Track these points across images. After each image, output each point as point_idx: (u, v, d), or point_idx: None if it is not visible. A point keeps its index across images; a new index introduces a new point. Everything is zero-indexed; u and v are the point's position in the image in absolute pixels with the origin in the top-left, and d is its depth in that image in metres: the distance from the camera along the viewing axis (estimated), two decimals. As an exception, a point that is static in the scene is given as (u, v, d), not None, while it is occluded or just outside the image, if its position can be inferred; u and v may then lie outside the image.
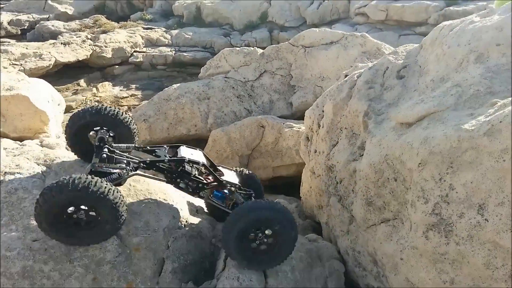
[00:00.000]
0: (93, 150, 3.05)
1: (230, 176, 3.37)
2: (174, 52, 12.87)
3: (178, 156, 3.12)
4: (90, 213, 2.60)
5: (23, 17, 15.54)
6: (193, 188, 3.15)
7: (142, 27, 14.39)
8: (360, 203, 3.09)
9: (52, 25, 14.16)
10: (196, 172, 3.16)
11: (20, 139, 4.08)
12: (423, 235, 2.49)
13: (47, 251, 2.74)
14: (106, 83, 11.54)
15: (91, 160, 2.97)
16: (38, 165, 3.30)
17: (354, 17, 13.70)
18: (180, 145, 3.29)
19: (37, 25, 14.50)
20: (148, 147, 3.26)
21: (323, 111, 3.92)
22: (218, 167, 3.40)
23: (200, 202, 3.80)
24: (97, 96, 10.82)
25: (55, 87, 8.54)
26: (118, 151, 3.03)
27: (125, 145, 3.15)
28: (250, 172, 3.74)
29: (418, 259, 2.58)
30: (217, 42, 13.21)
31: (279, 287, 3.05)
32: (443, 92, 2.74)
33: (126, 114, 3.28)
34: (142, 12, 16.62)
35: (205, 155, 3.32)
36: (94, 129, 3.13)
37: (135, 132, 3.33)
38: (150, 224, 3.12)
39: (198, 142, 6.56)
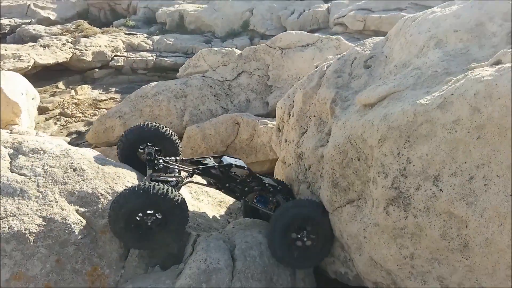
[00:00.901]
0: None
1: (269, 180, 3.65)
2: (155, 57, 12.89)
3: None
4: (158, 216, 2.82)
5: (5, 21, 15.38)
6: (241, 192, 3.46)
7: (124, 33, 14.38)
8: (326, 185, 3.14)
9: (33, 29, 14.05)
10: (239, 179, 3.45)
11: (-10, 129, 4.05)
12: (383, 211, 2.54)
13: (11, 230, 2.70)
14: (85, 86, 11.46)
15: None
16: (6, 147, 3.27)
17: (333, 27, 13.95)
18: (223, 155, 3.63)
19: (18, 29, 14.37)
20: (195, 158, 3.61)
21: (293, 101, 3.99)
22: (260, 175, 3.66)
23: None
24: (75, 99, 10.72)
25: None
26: (172, 164, 3.39)
27: (173, 158, 3.52)
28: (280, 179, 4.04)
29: (380, 236, 2.63)
30: (198, 48, 13.22)
31: (247, 271, 3.06)
32: (403, 75, 2.83)
33: (166, 127, 3.68)
34: (125, 19, 16.63)
35: (249, 168, 3.58)
36: (140, 147, 3.57)
37: (177, 144, 3.73)
38: (117, 206, 3.11)
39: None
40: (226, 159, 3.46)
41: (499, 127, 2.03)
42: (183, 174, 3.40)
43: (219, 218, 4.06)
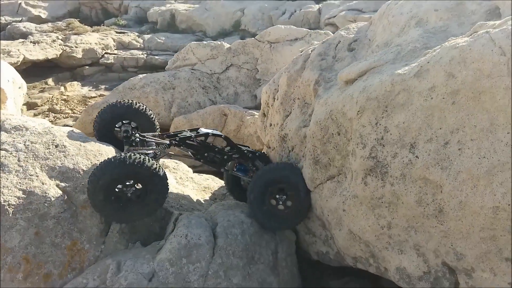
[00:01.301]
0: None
1: (247, 148, 3.70)
2: (145, 55, 12.88)
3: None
4: (137, 187, 2.85)
5: (-5, 19, 15.33)
6: (220, 161, 3.49)
7: (115, 31, 14.37)
8: (308, 163, 3.16)
9: (24, 27, 13.98)
10: (217, 148, 3.51)
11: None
12: (362, 182, 2.56)
13: (-12, 201, 2.69)
14: (75, 82, 11.40)
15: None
16: (-13, 126, 3.25)
17: (324, 27, 14.02)
18: (199, 127, 3.65)
19: (8, 26, 14.30)
20: (172, 133, 3.63)
21: (278, 85, 4.01)
22: (240, 144, 3.73)
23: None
24: (64, 95, 10.66)
25: (20, 80, 8.35)
26: (148, 138, 3.44)
27: (151, 133, 3.57)
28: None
29: (359, 208, 2.64)
30: (189, 46, 13.30)
31: (228, 248, 3.06)
32: (384, 51, 2.87)
33: (140, 103, 3.69)
34: (116, 18, 16.62)
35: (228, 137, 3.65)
36: (116, 125, 3.59)
37: (153, 119, 3.73)
38: (99, 183, 3.10)
39: (161, 130, 6.56)
40: (203, 130, 3.48)
41: (473, 91, 2.06)
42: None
43: (203, 202, 4.06)
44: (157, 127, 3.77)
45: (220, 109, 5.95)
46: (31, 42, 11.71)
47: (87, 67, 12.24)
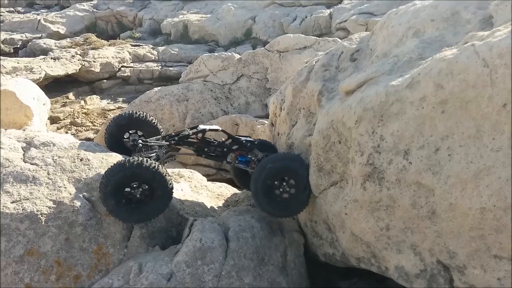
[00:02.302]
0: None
1: (248, 138, 3.77)
2: (160, 67, 13.24)
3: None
4: (144, 187, 3.05)
5: (16, 36, 15.92)
6: (221, 154, 3.62)
7: (131, 44, 14.80)
8: (312, 170, 3.34)
9: (44, 43, 14.54)
10: (217, 142, 3.64)
11: (6, 133, 4.34)
12: (361, 187, 2.74)
13: (24, 211, 2.96)
14: (94, 96, 11.83)
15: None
16: (19, 142, 3.54)
17: (335, 32, 14.18)
18: (199, 125, 3.76)
19: (29, 43, 14.88)
20: (173, 133, 3.76)
21: (285, 96, 4.21)
22: (237, 135, 3.81)
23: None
24: (84, 109, 11.08)
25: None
26: (151, 142, 3.60)
27: (154, 137, 3.72)
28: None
29: (359, 211, 2.82)
30: (202, 57, 13.62)
31: (240, 251, 3.26)
32: (382, 63, 3.04)
33: (140, 112, 3.89)
34: (131, 31, 17.09)
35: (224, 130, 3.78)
36: (125, 136, 3.80)
37: (155, 123, 3.89)
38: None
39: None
40: (200, 126, 3.62)
41: (460, 100, 2.23)
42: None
43: (216, 208, 4.28)
44: (161, 130, 3.93)
45: (232, 119, 6.18)
46: (51, 58, 12.20)
47: (105, 80, 12.68)
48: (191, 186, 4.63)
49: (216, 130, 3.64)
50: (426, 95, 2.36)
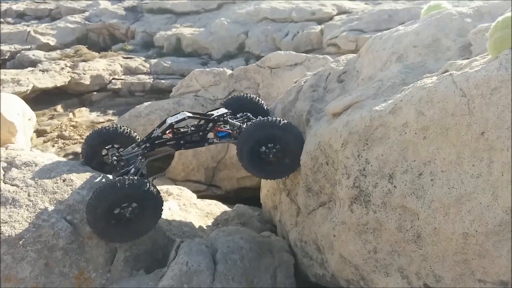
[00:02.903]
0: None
1: (219, 111, 3.63)
2: (152, 79, 13.24)
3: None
4: (133, 206, 3.00)
5: (5, 47, 15.80)
6: (200, 139, 3.48)
7: (122, 57, 14.79)
8: (301, 190, 3.36)
9: (33, 55, 14.43)
10: (192, 128, 3.50)
11: (-12, 149, 4.28)
12: (348, 209, 2.76)
13: (2, 235, 2.90)
14: (83, 108, 11.76)
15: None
16: (-1, 162, 3.50)
17: (326, 48, 14.31)
18: (166, 119, 3.60)
19: (18, 54, 14.78)
20: (144, 138, 3.61)
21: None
22: (208, 112, 3.69)
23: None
24: (73, 121, 11.01)
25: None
26: (127, 154, 3.50)
27: (129, 148, 3.60)
28: (245, 95, 4.14)
29: (347, 233, 2.83)
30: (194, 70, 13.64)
31: (228, 274, 3.24)
32: (367, 86, 3.09)
33: (112, 125, 3.84)
34: (123, 43, 17.08)
35: (190, 111, 3.66)
36: (103, 153, 3.75)
37: (129, 133, 3.76)
38: (104, 214, 3.31)
39: (166, 157, 6.80)
40: (167, 121, 3.49)
41: (441, 127, 2.27)
42: None
43: (205, 228, 4.25)
44: (137, 137, 3.79)
45: (222, 135, 6.17)
46: (40, 70, 12.13)
47: (95, 93, 12.61)
48: (180, 204, 4.61)
49: (183, 119, 3.45)
50: (408, 121, 2.40)
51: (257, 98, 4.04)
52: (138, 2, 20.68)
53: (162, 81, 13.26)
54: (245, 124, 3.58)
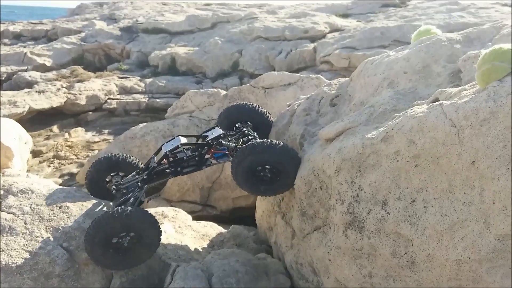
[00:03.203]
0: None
1: (214, 132, 3.63)
2: (147, 98, 13.31)
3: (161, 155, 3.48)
4: (131, 236, 3.04)
5: (2, 68, 15.87)
6: (197, 164, 3.48)
7: (118, 76, 14.88)
8: (296, 214, 3.38)
9: (29, 76, 14.52)
10: (189, 152, 3.49)
11: (-16, 172, 4.29)
12: (343, 234, 2.78)
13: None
14: (79, 128, 11.80)
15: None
16: (-4, 189, 3.51)
17: (319, 65, 14.51)
18: (162, 145, 3.62)
19: (15, 75, 14.84)
20: (143, 166, 3.69)
21: (269, 138, 4.28)
22: (203, 134, 3.70)
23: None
24: (68, 141, 11.02)
25: (27, 132, 8.73)
26: (126, 183, 3.56)
27: (130, 176, 3.67)
28: (246, 103, 4.07)
29: (342, 258, 2.85)
30: (189, 89, 13.64)
31: (224, 298, 3.24)
32: (359, 112, 3.14)
33: (133, 157, 3.90)
34: (119, 63, 17.21)
35: (184, 136, 3.69)
36: (107, 179, 3.78)
37: (133, 161, 3.86)
38: (100, 240, 3.32)
39: (162, 177, 6.80)
40: (163, 148, 3.50)
41: (432, 156, 2.31)
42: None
43: (201, 250, 4.25)
44: (139, 165, 3.85)
45: (218, 156, 6.20)
46: (36, 91, 12.18)
47: (90, 112, 12.66)
48: (175, 227, 4.61)
49: (177, 147, 3.46)
50: (400, 150, 2.44)
51: (259, 106, 4.02)
52: (133, 22, 20.91)
53: (157, 100, 13.35)
54: (241, 141, 3.62)
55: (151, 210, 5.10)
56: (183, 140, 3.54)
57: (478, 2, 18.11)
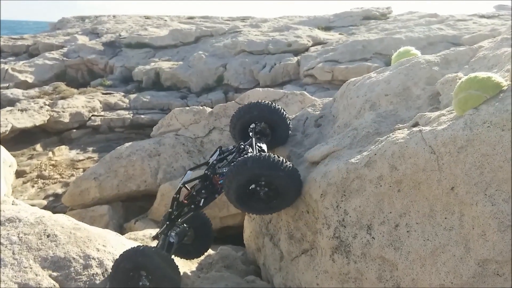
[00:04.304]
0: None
1: (212, 158, 3.64)
2: (132, 115, 13.26)
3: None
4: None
5: (-18, 86, 15.67)
6: (210, 192, 3.45)
7: (101, 93, 14.81)
8: (284, 237, 3.42)
9: (11, 93, 14.33)
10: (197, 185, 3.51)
11: (-33, 198, 4.23)
12: (330, 258, 2.83)
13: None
14: (63, 147, 11.68)
15: None
16: (-20, 218, 3.46)
17: (303, 78, 14.68)
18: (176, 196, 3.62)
19: (-5, 93, 14.64)
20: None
21: (255, 159, 4.32)
22: (208, 160, 3.66)
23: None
24: (52, 160, 10.89)
25: (11, 152, 8.61)
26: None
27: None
28: (267, 102, 3.87)
29: (330, 282, 2.89)
30: (174, 104, 13.74)
31: (213, 322, 3.25)
32: (342, 135, 3.22)
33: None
34: (102, 78, 17.12)
35: (195, 167, 3.84)
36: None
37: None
38: (89, 269, 3.30)
39: (149, 197, 6.79)
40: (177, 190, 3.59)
41: (413, 181, 2.39)
42: None
43: (189, 274, 4.24)
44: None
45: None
46: (18, 110, 12.04)
47: (74, 130, 12.55)
48: (164, 250, 4.59)
49: (180, 189, 3.58)
50: (383, 175, 2.51)
51: (279, 107, 3.80)
52: (116, 36, 20.87)
53: (142, 116, 13.32)
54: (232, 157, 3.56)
55: (139, 233, 5.09)
56: (186, 177, 3.60)
57: (457, 15, 18.63)
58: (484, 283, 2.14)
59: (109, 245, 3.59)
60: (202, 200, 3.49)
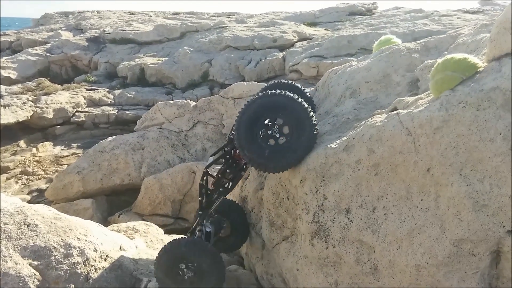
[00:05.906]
0: None
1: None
2: (116, 110, 13.14)
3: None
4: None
5: (-37, 82, 15.37)
6: (235, 171, 3.39)
7: (86, 88, 14.64)
8: (265, 225, 3.43)
9: (-7, 90, 14.10)
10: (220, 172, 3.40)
11: None
12: (309, 243, 2.84)
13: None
14: (47, 143, 11.53)
15: None
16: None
17: (289, 74, 14.69)
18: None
19: (-23, 89, 14.37)
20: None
21: (237, 149, 4.33)
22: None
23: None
24: (36, 156, 10.75)
25: (-8, 147, 8.43)
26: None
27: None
28: (288, 81, 3.74)
29: (309, 267, 2.91)
30: (159, 100, 13.60)
31: (196, 311, 3.25)
32: (323, 122, 3.24)
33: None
34: (86, 74, 16.93)
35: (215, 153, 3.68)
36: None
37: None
38: (70, 258, 3.28)
39: (133, 191, 6.75)
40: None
41: (390, 164, 2.41)
42: None
43: (173, 264, 4.23)
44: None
45: (188, 167, 6.22)
46: (1, 106, 11.84)
47: (58, 126, 12.40)
48: (146, 241, 4.58)
49: (204, 175, 3.44)
50: (361, 158, 2.54)
51: (300, 85, 3.64)
52: (100, 32, 20.64)
53: (127, 112, 13.21)
54: None
55: (122, 225, 5.05)
56: (209, 162, 3.46)
57: (442, 10, 18.82)
58: (459, 262, 2.18)
59: (91, 235, 3.56)
60: (229, 184, 3.43)
